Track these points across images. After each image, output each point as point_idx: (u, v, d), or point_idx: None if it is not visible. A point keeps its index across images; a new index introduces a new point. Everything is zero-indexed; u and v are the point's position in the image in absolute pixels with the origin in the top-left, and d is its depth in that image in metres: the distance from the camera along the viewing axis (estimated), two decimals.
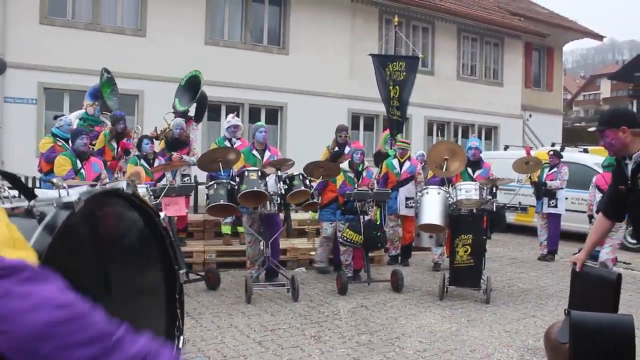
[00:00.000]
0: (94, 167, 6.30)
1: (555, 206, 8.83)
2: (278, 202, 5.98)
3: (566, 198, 9.28)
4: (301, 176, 6.14)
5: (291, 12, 14.29)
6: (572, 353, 2.71)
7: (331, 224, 7.08)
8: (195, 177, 8.74)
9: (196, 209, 9.42)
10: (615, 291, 2.93)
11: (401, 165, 7.97)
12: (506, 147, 13.82)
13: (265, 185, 5.78)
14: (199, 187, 8.81)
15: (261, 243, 6.17)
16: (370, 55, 10.32)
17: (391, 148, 8.94)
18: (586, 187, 10.33)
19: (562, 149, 11.02)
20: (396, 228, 8.02)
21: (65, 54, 11.35)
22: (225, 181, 6.00)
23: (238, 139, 7.64)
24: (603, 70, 58.39)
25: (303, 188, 6.00)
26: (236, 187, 5.76)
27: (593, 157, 11.51)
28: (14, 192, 1.84)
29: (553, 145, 11.67)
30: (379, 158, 8.90)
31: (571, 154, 11.35)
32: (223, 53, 13.23)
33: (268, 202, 5.92)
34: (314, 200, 6.34)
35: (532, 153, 9.94)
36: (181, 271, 2.51)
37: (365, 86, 13.56)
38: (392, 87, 9.57)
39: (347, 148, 7.89)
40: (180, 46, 12.31)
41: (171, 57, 11.91)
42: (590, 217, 8.25)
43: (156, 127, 8.51)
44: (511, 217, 11.56)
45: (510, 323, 5.20)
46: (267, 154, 6.69)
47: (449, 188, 6.22)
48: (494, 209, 6.18)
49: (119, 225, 2.25)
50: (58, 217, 1.71)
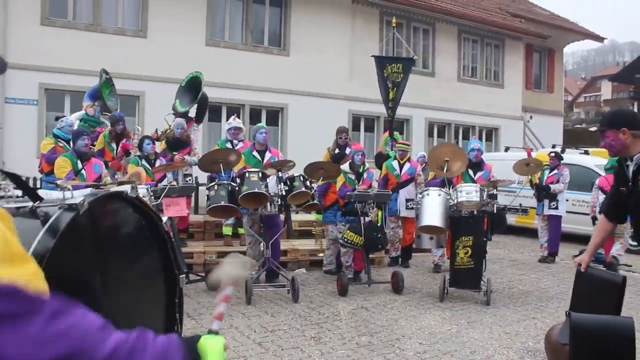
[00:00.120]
0: (95, 168, 6.31)
1: (556, 208, 8.82)
2: (278, 203, 5.98)
3: (567, 200, 9.28)
4: (302, 177, 6.14)
5: (292, 13, 14.30)
6: (572, 355, 2.71)
7: (335, 226, 7.09)
8: (196, 178, 8.74)
9: (197, 210, 9.42)
10: (619, 294, 2.93)
11: (401, 166, 7.97)
12: (507, 149, 13.82)
13: (266, 186, 5.78)
14: (200, 188, 8.82)
15: (261, 244, 6.17)
16: (372, 56, 10.35)
17: (392, 149, 8.94)
18: (587, 189, 10.35)
19: (563, 151, 11.01)
20: (396, 229, 8.01)
21: (66, 55, 11.36)
22: (226, 182, 6.00)
23: (240, 141, 7.64)
24: (604, 71, 58.38)
25: (304, 189, 6.00)
26: (237, 188, 5.77)
27: (594, 159, 11.52)
28: (18, 192, 1.85)
29: (554, 146, 11.67)
30: (380, 159, 8.90)
31: (572, 156, 11.35)
32: (224, 54, 13.24)
33: (269, 203, 5.92)
34: (315, 201, 6.35)
35: (533, 155, 9.95)
36: (182, 276, 2.50)
37: (365, 87, 13.60)
38: (391, 89, 9.60)
39: (348, 149, 7.89)
40: (181, 47, 12.32)
41: (172, 58, 11.92)
42: (593, 219, 8.24)
43: (157, 129, 8.52)
44: (512, 219, 11.56)
45: (510, 325, 5.20)
46: (268, 155, 6.70)
47: (450, 190, 6.23)
48: (495, 211, 6.18)
49: (121, 228, 2.25)
50: (62, 219, 1.72)
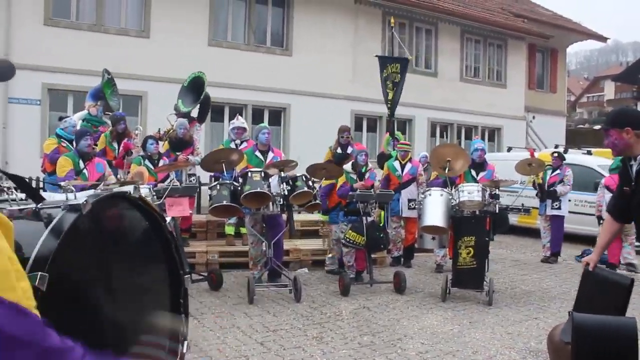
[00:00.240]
0: (98, 167, 6.31)
1: (558, 208, 8.81)
2: (281, 203, 5.99)
3: (569, 200, 9.26)
4: (304, 177, 6.15)
5: (294, 14, 14.31)
6: (574, 355, 2.70)
7: (338, 226, 7.08)
8: (198, 178, 8.75)
9: (199, 210, 9.43)
10: (626, 295, 2.92)
11: (403, 167, 7.97)
12: (509, 149, 13.80)
13: (268, 186, 5.79)
14: (202, 188, 8.83)
15: (264, 244, 6.18)
16: (376, 56, 10.37)
17: (394, 149, 8.93)
18: (590, 190, 10.33)
19: (566, 151, 11.00)
20: (398, 229, 8.01)
21: (69, 55, 11.39)
22: (228, 182, 6.01)
23: (244, 141, 7.65)
24: (607, 71, 58.19)
25: (306, 189, 6.01)
26: (239, 188, 5.78)
27: (597, 159, 11.49)
28: (21, 195, 1.85)
29: (556, 147, 11.65)
30: (382, 160, 8.90)
31: (575, 156, 11.33)
32: (226, 54, 13.25)
33: (271, 203, 5.93)
34: (317, 201, 6.35)
35: (536, 155, 9.93)
36: (186, 276, 2.50)
37: (368, 87, 13.59)
38: (390, 89, 9.61)
39: (350, 149, 7.89)
40: (183, 47, 12.34)
41: (174, 58, 11.94)
42: (599, 218, 8.23)
43: (159, 129, 8.54)
44: (514, 219, 11.54)
45: (512, 325, 5.20)
46: (271, 155, 6.70)
47: (452, 190, 6.22)
48: (497, 211, 6.17)
49: (125, 228, 2.25)
50: (65, 220, 1.71)
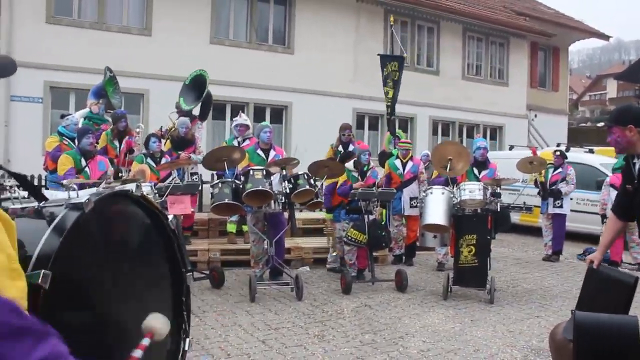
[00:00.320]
0: (100, 166, 6.32)
1: (560, 206, 8.80)
2: (282, 201, 5.99)
3: (571, 198, 9.25)
4: (306, 175, 6.15)
5: (296, 12, 14.29)
6: (576, 353, 2.70)
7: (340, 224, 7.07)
8: (200, 176, 8.77)
9: (201, 208, 9.45)
10: (630, 294, 2.91)
11: (404, 165, 7.97)
12: (511, 147, 13.79)
13: (270, 184, 5.79)
14: (204, 186, 8.85)
15: (265, 242, 6.19)
16: (378, 55, 10.36)
17: (394, 147, 8.93)
18: (592, 188, 10.32)
19: (568, 149, 10.99)
20: (400, 227, 8.01)
21: (71, 53, 11.39)
22: (230, 180, 6.02)
23: (247, 139, 7.64)
24: (609, 70, 58.01)
25: (307, 187, 6.01)
26: (241, 186, 5.78)
27: (599, 158, 11.48)
28: (24, 193, 1.85)
29: (558, 145, 11.64)
30: (383, 158, 8.90)
31: (577, 154, 11.32)
32: (228, 52, 13.25)
33: (272, 201, 5.93)
34: (318, 199, 6.35)
35: (538, 153, 9.92)
36: (188, 274, 2.50)
37: (369, 86, 13.58)
38: (391, 87, 9.61)
39: (351, 147, 7.89)
40: (185, 45, 12.33)
41: (176, 56, 11.93)
42: (602, 217, 8.22)
43: (162, 127, 8.54)
44: (516, 217, 11.53)
45: (514, 323, 5.20)
46: (272, 154, 6.70)
47: (453, 188, 6.22)
48: (498, 209, 6.16)
49: (127, 226, 2.25)
50: (67, 218, 1.71)
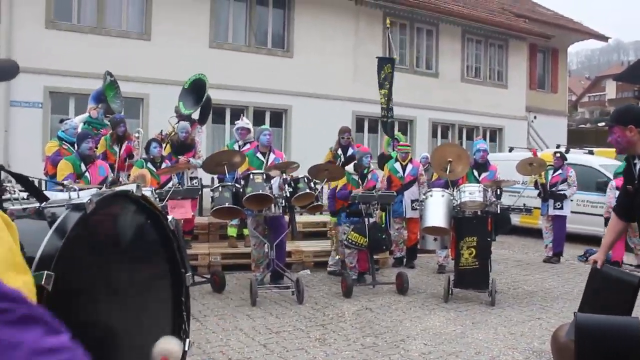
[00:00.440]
0: (100, 171, 6.31)
1: (561, 208, 8.79)
2: (283, 205, 5.99)
3: (571, 200, 9.24)
4: (306, 179, 6.15)
5: (295, 15, 14.32)
6: (578, 355, 2.70)
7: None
8: (200, 180, 8.76)
9: (201, 212, 9.44)
10: (634, 295, 2.91)
11: (404, 168, 7.97)
12: (511, 149, 13.80)
13: (270, 188, 5.80)
14: (204, 190, 8.84)
15: (266, 245, 6.18)
16: (377, 58, 10.38)
17: (393, 150, 8.93)
18: (591, 189, 10.33)
19: (567, 151, 10.99)
20: (401, 230, 8.01)
21: (70, 58, 11.40)
22: (230, 184, 6.02)
23: (248, 143, 7.63)
24: (608, 71, 58.07)
25: (308, 191, 6.02)
26: (241, 190, 5.78)
27: (598, 159, 11.48)
28: (24, 194, 1.85)
29: (558, 147, 11.65)
30: (383, 160, 8.90)
31: (576, 156, 11.32)
32: (227, 56, 13.26)
33: (273, 205, 5.93)
34: (319, 202, 6.35)
35: (538, 155, 9.93)
36: (188, 274, 2.50)
37: (369, 88, 13.55)
38: (387, 89, 9.62)
39: (351, 150, 7.89)
40: (184, 49, 12.35)
41: (176, 61, 11.95)
42: (606, 220, 8.16)
43: (162, 130, 8.55)
44: (516, 219, 11.53)
45: (515, 325, 5.19)
46: (272, 157, 6.71)
47: (454, 190, 6.22)
48: (499, 211, 6.17)
49: (127, 227, 2.25)
50: (69, 219, 1.71)
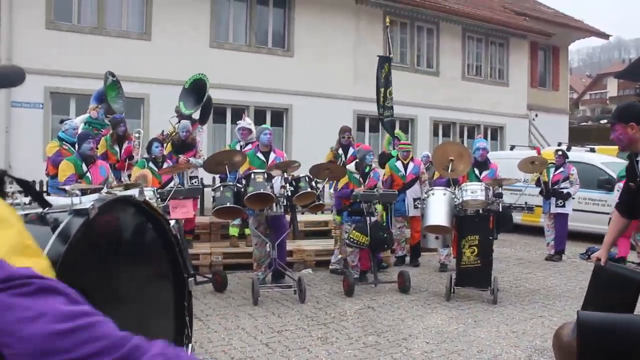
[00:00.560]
0: (101, 171, 6.32)
1: (563, 206, 8.79)
2: (284, 204, 5.99)
3: (573, 198, 9.23)
4: (307, 178, 6.15)
5: (295, 15, 14.31)
6: (580, 354, 2.69)
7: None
8: (201, 180, 8.76)
9: (202, 211, 9.45)
10: (638, 292, 2.90)
11: (405, 167, 7.96)
12: (512, 147, 13.78)
13: (271, 187, 5.80)
14: (205, 190, 8.84)
15: (267, 245, 6.18)
16: (378, 56, 10.37)
17: (394, 149, 8.92)
18: (593, 187, 10.32)
19: (569, 149, 10.98)
20: (403, 229, 8.01)
21: (71, 59, 11.41)
22: (231, 184, 6.03)
23: (250, 143, 7.62)
24: (609, 69, 57.98)
25: (309, 190, 6.01)
26: (242, 190, 5.78)
27: (600, 157, 11.47)
28: (25, 199, 1.84)
29: (559, 145, 11.63)
30: (383, 159, 8.90)
31: (578, 154, 11.31)
32: (228, 56, 13.26)
33: (274, 204, 5.93)
34: (320, 201, 6.35)
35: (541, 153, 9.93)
36: (190, 279, 2.49)
37: (370, 87, 13.46)
38: (385, 87, 9.62)
39: (351, 149, 7.89)
40: (185, 49, 12.35)
41: (176, 61, 11.95)
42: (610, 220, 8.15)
43: (163, 131, 8.56)
44: (517, 217, 11.51)
45: (517, 323, 5.19)
46: (273, 156, 6.71)
47: (455, 189, 6.21)
48: (500, 209, 6.16)
49: (130, 232, 2.25)
50: (72, 224, 1.70)
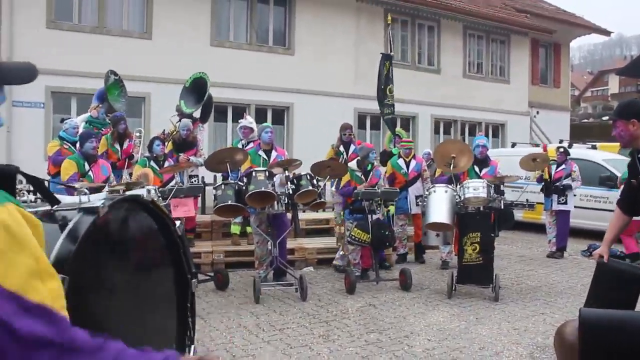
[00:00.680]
0: (103, 170, 6.34)
1: (564, 203, 8.78)
2: (285, 202, 6.00)
3: (574, 195, 9.23)
4: (308, 176, 6.16)
5: (296, 13, 14.30)
6: (582, 351, 2.69)
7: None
8: (202, 178, 8.76)
9: (204, 210, 9.45)
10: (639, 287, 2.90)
11: (407, 164, 7.96)
12: (514, 145, 13.77)
13: (272, 185, 5.80)
14: (207, 188, 8.84)
15: (269, 243, 6.19)
16: (381, 54, 10.37)
17: (395, 146, 8.91)
18: (594, 184, 10.31)
19: (570, 146, 10.97)
20: (404, 227, 8.00)
21: (72, 58, 11.41)
22: (233, 182, 6.04)
23: (252, 142, 7.62)
24: (611, 65, 57.90)
25: (310, 188, 6.02)
26: (244, 188, 5.79)
27: (601, 154, 11.46)
28: (32, 197, 1.83)
29: (561, 142, 11.62)
30: (385, 157, 8.90)
31: (579, 151, 11.30)
32: (229, 54, 13.25)
33: (275, 202, 5.94)
34: (321, 199, 6.36)
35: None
36: (194, 280, 2.49)
37: (371, 85, 13.44)
38: (389, 86, 9.62)
39: (352, 147, 7.88)
40: (185, 48, 12.34)
41: (177, 59, 11.94)
42: None
43: (164, 129, 8.56)
44: (519, 215, 11.50)
45: (519, 321, 5.19)
46: (274, 154, 6.71)
47: (457, 186, 6.21)
48: (502, 207, 6.15)
49: (136, 231, 2.24)
50: (82, 223, 1.68)
